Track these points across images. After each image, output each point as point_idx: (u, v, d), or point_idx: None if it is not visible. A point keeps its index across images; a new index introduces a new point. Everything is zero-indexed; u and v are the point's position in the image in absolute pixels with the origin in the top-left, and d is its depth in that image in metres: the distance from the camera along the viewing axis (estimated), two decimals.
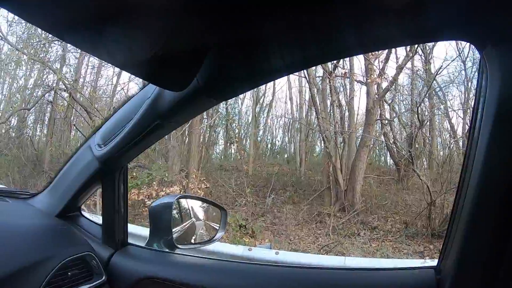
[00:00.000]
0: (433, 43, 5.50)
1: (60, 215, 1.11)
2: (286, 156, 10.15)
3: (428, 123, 7.21)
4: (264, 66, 0.71)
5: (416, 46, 5.90)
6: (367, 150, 6.89)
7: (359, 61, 7.10)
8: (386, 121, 7.49)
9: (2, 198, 1.14)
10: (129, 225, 1.12)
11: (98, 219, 1.12)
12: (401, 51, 6.61)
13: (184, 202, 1.24)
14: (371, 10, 0.56)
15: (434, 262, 0.85)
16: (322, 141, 7.28)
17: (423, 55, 6.83)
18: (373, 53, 5.71)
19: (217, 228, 1.25)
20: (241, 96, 8.85)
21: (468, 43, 0.80)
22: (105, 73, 9.00)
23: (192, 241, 1.25)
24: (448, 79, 7.29)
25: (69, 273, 0.92)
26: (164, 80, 0.68)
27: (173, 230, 1.12)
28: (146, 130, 0.88)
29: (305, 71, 6.65)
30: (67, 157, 1.14)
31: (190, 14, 0.54)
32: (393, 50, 6.46)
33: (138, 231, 2.71)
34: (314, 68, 6.73)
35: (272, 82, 8.79)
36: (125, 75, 8.22)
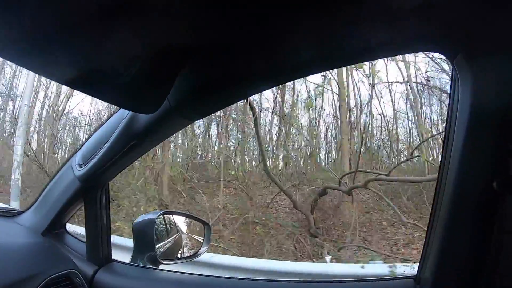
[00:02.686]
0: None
1: (45, 232, 1.11)
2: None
3: None
4: (241, 79, 0.70)
5: None
6: None
7: None
8: None
9: None
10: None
11: (83, 236, 1.12)
12: None
13: (169, 217, 1.24)
14: (343, 23, 0.57)
15: (413, 272, 0.85)
16: None
17: None
18: None
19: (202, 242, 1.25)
20: None
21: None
22: None
23: (178, 255, 1.25)
24: None
25: None
26: (134, 103, 0.68)
27: (159, 245, 1.12)
28: (124, 150, 0.88)
29: None
30: (51, 176, 1.15)
31: (171, 18, 0.52)
32: None
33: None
34: None
35: None
36: None
